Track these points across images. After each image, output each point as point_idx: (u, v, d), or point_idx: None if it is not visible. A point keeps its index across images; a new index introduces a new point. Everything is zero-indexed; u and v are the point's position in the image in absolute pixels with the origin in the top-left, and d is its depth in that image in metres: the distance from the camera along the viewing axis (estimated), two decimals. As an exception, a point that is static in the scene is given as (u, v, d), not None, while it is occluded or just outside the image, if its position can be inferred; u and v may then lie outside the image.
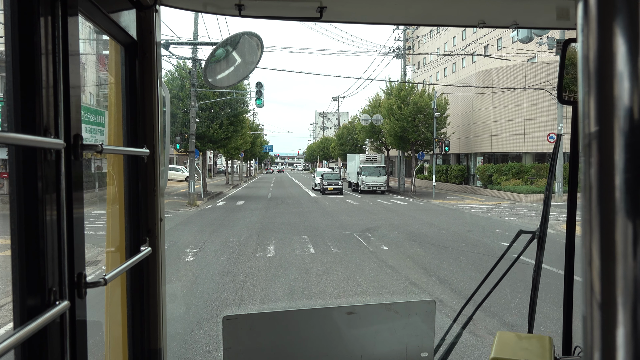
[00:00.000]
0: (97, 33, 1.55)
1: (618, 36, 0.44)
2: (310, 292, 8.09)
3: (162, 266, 1.78)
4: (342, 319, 2.15)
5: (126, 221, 1.64)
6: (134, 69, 1.65)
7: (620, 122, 0.44)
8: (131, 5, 1.61)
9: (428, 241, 13.35)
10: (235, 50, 2.25)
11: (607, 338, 0.45)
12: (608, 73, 0.45)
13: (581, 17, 0.48)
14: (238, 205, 24.74)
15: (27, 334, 0.89)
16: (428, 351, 2.27)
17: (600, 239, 0.46)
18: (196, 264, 10.00)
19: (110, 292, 1.67)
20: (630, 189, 0.44)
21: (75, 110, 1.13)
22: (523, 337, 2.05)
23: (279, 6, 1.92)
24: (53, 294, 1.03)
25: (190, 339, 5.79)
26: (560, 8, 1.91)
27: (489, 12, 1.99)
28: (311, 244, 12.70)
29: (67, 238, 1.09)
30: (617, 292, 0.44)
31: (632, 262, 0.44)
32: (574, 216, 2.05)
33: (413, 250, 12.02)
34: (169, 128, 1.94)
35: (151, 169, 1.71)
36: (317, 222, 17.67)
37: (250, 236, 13.99)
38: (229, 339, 2.01)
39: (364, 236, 14.05)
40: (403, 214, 20.46)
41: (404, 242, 13.23)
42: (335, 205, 25.43)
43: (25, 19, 0.98)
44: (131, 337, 1.68)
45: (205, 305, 7.14)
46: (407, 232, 14.97)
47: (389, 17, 2.09)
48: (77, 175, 1.14)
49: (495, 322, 6.52)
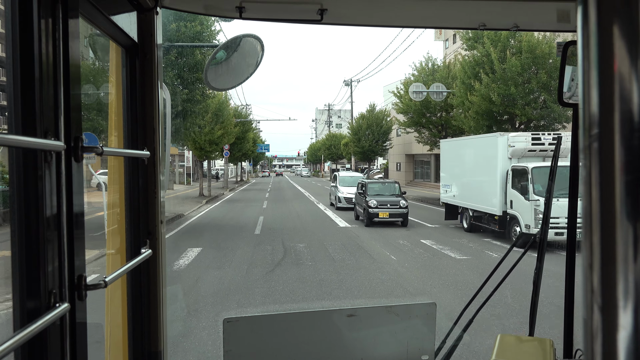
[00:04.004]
0: (97, 35, 1.55)
1: (618, 38, 0.44)
2: None
3: (163, 268, 1.78)
4: (342, 321, 2.15)
5: (127, 223, 1.64)
6: (135, 71, 1.65)
7: (621, 124, 0.44)
8: (132, 8, 1.61)
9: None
10: (236, 53, 2.26)
11: (608, 341, 0.45)
12: (608, 75, 0.45)
13: (581, 20, 0.48)
14: (176, 269, 10.01)
15: (27, 336, 0.88)
16: (429, 354, 2.26)
17: (600, 241, 0.45)
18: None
19: (110, 294, 1.67)
20: (631, 191, 0.44)
21: (75, 112, 1.13)
22: (524, 340, 2.05)
23: (280, 9, 1.93)
24: (53, 296, 1.03)
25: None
26: (560, 10, 1.91)
27: (489, 15, 1.99)
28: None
29: (68, 240, 1.09)
30: (617, 294, 0.44)
31: (632, 264, 0.43)
32: (574, 218, 2.05)
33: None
34: (169, 130, 1.94)
35: (152, 171, 1.72)
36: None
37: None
38: (230, 341, 2.00)
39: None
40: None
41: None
42: (435, 272, 10.18)
43: (26, 21, 0.98)
44: (131, 339, 1.68)
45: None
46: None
47: (390, 20, 2.09)
48: (78, 177, 1.14)
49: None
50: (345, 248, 12.92)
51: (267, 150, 78.10)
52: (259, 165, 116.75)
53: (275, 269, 10.20)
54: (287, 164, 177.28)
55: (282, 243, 13.43)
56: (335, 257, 11.59)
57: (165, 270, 1.82)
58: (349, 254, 12.12)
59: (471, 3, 1.84)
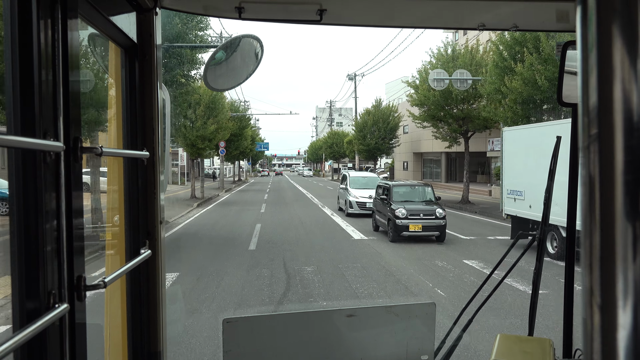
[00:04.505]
0: (96, 36, 1.55)
1: (617, 38, 0.44)
2: None
3: (162, 269, 1.78)
4: (342, 321, 2.15)
5: (126, 224, 1.64)
6: (134, 72, 1.65)
7: (620, 124, 0.44)
8: (131, 8, 1.61)
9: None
10: (236, 53, 2.26)
11: (608, 340, 0.45)
12: (607, 75, 0.45)
13: (580, 20, 0.48)
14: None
15: (26, 337, 0.88)
16: (428, 354, 2.26)
17: (600, 241, 0.45)
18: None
19: (110, 295, 1.67)
20: (630, 190, 0.44)
21: (74, 113, 1.13)
22: (524, 340, 2.05)
23: (279, 9, 1.93)
24: (52, 296, 1.03)
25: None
26: (559, 11, 1.91)
27: (488, 15, 2.00)
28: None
29: (67, 241, 1.09)
30: (617, 294, 0.44)
31: (632, 264, 0.43)
32: (574, 218, 2.05)
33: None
34: (169, 131, 1.94)
35: (151, 171, 1.72)
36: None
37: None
38: (229, 341, 2.00)
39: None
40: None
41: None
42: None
43: (25, 21, 0.98)
44: (131, 339, 1.68)
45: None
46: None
47: (389, 20, 2.09)
48: (77, 178, 1.14)
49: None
50: (368, 274, 9.57)
51: (267, 149, 74.61)
52: (258, 165, 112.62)
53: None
54: (287, 163, 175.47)
55: (284, 265, 10.37)
56: (357, 290, 8.39)
57: (164, 270, 1.82)
58: (376, 284, 8.85)
59: (470, 3, 1.84)
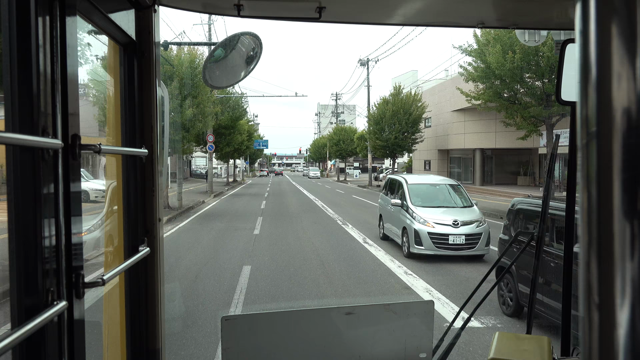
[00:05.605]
0: (95, 33, 1.55)
1: (616, 37, 0.44)
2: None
3: (161, 266, 1.78)
4: (340, 319, 2.15)
5: (124, 221, 1.64)
6: (133, 69, 1.65)
7: (619, 122, 0.44)
8: (130, 5, 1.61)
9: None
10: (234, 51, 2.25)
11: (606, 339, 0.45)
12: (606, 73, 0.45)
13: (580, 18, 0.48)
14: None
15: (24, 334, 0.88)
16: (426, 352, 2.27)
17: (598, 239, 0.46)
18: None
19: (108, 293, 1.67)
20: (629, 189, 0.44)
21: (73, 110, 1.13)
22: (522, 338, 2.05)
23: (278, 6, 1.93)
24: (51, 294, 1.03)
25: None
26: (559, 9, 1.91)
27: (488, 13, 2.00)
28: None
29: (65, 238, 1.09)
30: (615, 292, 0.44)
31: (630, 262, 0.44)
32: (572, 216, 2.05)
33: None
34: (167, 128, 1.94)
35: (149, 169, 1.71)
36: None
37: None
38: (228, 339, 2.01)
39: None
40: None
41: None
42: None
43: (23, 18, 0.97)
44: (129, 337, 1.68)
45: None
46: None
47: (388, 17, 2.09)
48: (75, 175, 1.14)
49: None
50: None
51: (266, 147, 66.51)
52: (257, 164, 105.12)
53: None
54: (287, 162, 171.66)
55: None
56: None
57: (163, 268, 1.82)
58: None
59: (470, 1, 1.84)
